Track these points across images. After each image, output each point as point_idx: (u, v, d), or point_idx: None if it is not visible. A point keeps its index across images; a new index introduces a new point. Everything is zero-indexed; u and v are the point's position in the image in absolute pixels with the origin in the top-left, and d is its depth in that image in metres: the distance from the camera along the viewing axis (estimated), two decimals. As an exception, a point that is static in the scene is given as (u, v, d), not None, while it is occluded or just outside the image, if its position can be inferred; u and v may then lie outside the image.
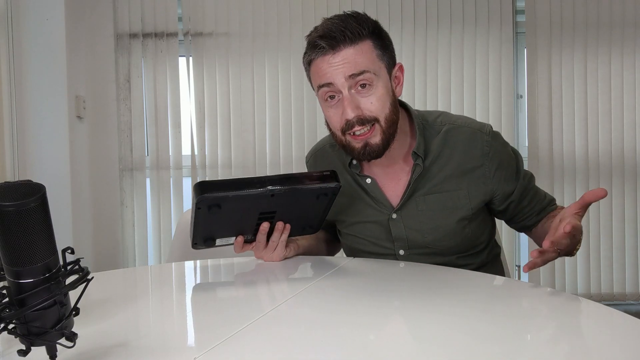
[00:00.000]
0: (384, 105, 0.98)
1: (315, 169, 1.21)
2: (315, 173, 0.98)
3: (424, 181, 1.06)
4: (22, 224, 0.45)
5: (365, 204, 1.11)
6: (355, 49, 0.95)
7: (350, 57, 0.95)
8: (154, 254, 2.74)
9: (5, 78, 2.21)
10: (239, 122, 2.73)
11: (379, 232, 1.10)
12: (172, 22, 2.71)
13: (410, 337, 0.63)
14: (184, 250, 1.64)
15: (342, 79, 0.95)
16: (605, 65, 2.75)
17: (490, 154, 1.05)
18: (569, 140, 2.77)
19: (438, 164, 1.06)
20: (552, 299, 0.78)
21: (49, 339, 0.49)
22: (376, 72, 0.97)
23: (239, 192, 0.90)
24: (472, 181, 1.06)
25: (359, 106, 0.97)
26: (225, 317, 0.72)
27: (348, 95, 0.96)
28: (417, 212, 1.06)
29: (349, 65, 0.95)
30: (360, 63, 0.95)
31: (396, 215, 1.07)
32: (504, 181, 1.07)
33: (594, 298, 2.71)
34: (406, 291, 0.83)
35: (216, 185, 0.90)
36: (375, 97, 0.97)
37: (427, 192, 1.06)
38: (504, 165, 1.07)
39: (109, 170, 2.71)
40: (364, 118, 0.97)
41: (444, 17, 2.72)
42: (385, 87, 0.99)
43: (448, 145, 1.06)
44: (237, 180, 0.92)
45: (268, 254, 1.03)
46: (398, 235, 1.08)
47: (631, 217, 2.79)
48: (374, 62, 0.97)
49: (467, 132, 1.06)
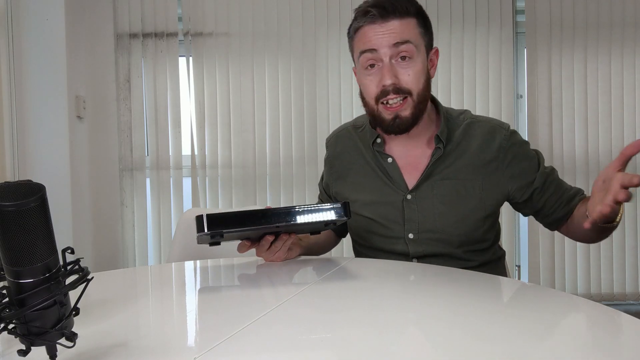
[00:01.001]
0: (419, 80, 1.05)
1: (335, 148, 1.25)
2: (326, 206, 0.95)
3: (442, 167, 1.10)
4: (22, 224, 0.45)
5: (383, 182, 1.14)
6: (401, 22, 1.02)
7: (396, 27, 1.02)
8: (154, 254, 2.74)
9: (5, 78, 2.21)
10: (239, 122, 2.73)
11: (392, 213, 1.12)
12: (172, 22, 2.71)
13: (411, 337, 0.63)
14: (184, 250, 1.64)
15: (385, 47, 1.02)
16: (605, 65, 2.75)
17: (506, 148, 1.10)
18: (569, 140, 2.77)
19: (457, 152, 1.11)
20: (552, 299, 0.78)
21: (49, 339, 0.49)
22: (417, 47, 1.04)
23: (241, 228, 0.88)
24: (487, 174, 1.09)
25: (397, 75, 1.03)
26: (225, 317, 0.72)
27: (388, 63, 1.03)
28: (432, 195, 1.10)
29: (394, 35, 1.02)
30: (405, 34, 1.02)
31: (411, 196, 1.11)
32: (519, 175, 1.10)
33: (594, 298, 2.71)
34: (407, 291, 0.83)
35: (219, 220, 0.87)
36: (412, 71, 1.04)
37: (444, 177, 1.10)
38: (519, 160, 1.10)
39: (109, 170, 2.71)
40: (399, 87, 1.03)
41: (444, 17, 2.72)
42: (422, 63, 1.06)
43: (468, 137, 1.11)
44: (241, 215, 0.89)
45: (270, 256, 1.03)
46: (410, 217, 1.11)
47: (631, 217, 2.80)
48: (417, 37, 1.04)
49: (487, 126, 1.12)
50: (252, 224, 0.89)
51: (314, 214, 0.94)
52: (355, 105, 2.71)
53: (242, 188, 2.73)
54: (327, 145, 1.29)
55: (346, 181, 1.21)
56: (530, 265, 2.78)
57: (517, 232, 2.80)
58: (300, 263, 1.05)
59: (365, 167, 1.17)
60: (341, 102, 2.74)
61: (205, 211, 0.97)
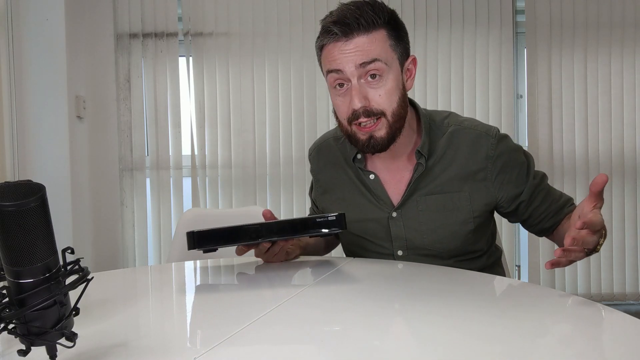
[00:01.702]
0: (392, 99, 0.97)
1: (318, 162, 1.20)
2: (319, 218, 0.91)
3: (426, 181, 1.05)
4: (22, 224, 0.45)
5: (367, 200, 1.10)
6: (368, 37, 0.94)
7: (362, 45, 0.94)
8: (154, 254, 2.74)
9: (5, 78, 2.21)
10: (239, 122, 2.73)
11: (378, 230, 1.09)
12: (172, 22, 2.71)
13: (410, 337, 0.63)
14: (184, 250, 1.64)
15: (352, 67, 0.94)
16: (605, 65, 2.75)
17: (494, 157, 1.03)
18: (569, 140, 2.77)
19: (441, 164, 1.05)
20: (552, 299, 0.78)
21: (49, 339, 0.49)
22: (388, 62, 0.96)
23: (233, 244, 0.85)
24: (474, 184, 1.04)
25: (366, 97, 0.96)
26: (225, 317, 0.72)
27: (357, 84, 0.95)
28: (417, 212, 1.05)
29: (360, 54, 0.94)
30: (372, 51, 0.94)
31: (396, 214, 1.07)
32: (508, 184, 1.05)
33: (594, 298, 2.71)
34: (406, 291, 0.83)
35: (208, 236, 0.85)
36: (384, 90, 0.96)
37: (428, 193, 1.05)
38: (508, 169, 1.05)
39: (109, 170, 2.71)
40: (370, 110, 0.96)
41: (444, 17, 2.72)
42: (395, 79, 0.98)
43: (452, 147, 1.05)
44: (231, 230, 0.86)
45: (269, 258, 1.02)
46: (397, 234, 1.07)
47: (631, 217, 2.80)
48: (387, 52, 0.96)
49: (472, 134, 1.05)
50: (244, 239, 0.86)
51: (307, 227, 0.91)
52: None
53: (242, 188, 2.73)
54: (310, 158, 1.24)
55: (332, 197, 1.16)
56: (530, 265, 2.78)
57: (517, 232, 2.80)
58: (299, 264, 1.05)
59: (348, 183, 1.12)
60: (341, 102, 2.74)
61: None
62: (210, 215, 1.73)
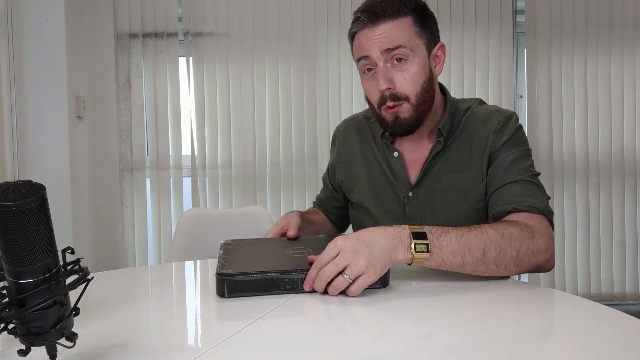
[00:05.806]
0: (417, 82, 1.01)
1: (345, 136, 1.24)
2: None
3: (442, 160, 1.08)
4: (22, 224, 0.45)
5: (385, 178, 1.13)
6: (393, 23, 0.98)
7: (387, 31, 0.98)
8: (154, 254, 2.74)
9: (5, 78, 2.21)
10: (239, 122, 2.73)
11: (394, 209, 1.12)
12: (172, 22, 2.71)
13: (410, 337, 0.63)
14: (184, 250, 1.64)
15: (377, 52, 0.99)
16: (605, 65, 2.75)
17: (498, 131, 1.05)
18: (569, 140, 2.77)
19: (456, 144, 1.08)
20: (552, 299, 0.78)
21: (49, 339, 0.49)
22: (413, 48, 0.99)
23: (264, 293, 0.80)
24: (483, 160, 1.06)
25: (392, 79, 1.00)
26: (225, 317, 0.72)
27: (383, 67, 1.00)
28: (432, 192, 1.08)
29: (385, 40, 0.98)
30: (396, 38, 0.98)
31: (412, 193, 1.09)
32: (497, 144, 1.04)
33: (594, 298, 2.71)
34: (407, 291, 0.83)
35: (241, 285, 0.79)
36: (408, 74, 1.00)
37: (443, 172, 1.07)
38: (505, 134, 1.04)
39: (109, 170, 2.71)
40: (395, 94, 1.00)
41: (444, 17, 2.72)
42: (420, 64, 1.01)
43: (468, 128, 1.08)
44: (265, 280, 0.80)
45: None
46: (412, 214, 1.10)
47: (631, 217, 2.80)
48: (412, 38, 1.00)
49: (484, 113, 1.08)
50: (276, 290, 0.80)
51: None
52: (355, 105, 2.71)
53: (242, 188, 2.73)
54: (337, 133, 1.28)
55: (352, 171, 1.20)
56: (530, 265, 2.77)
57: (517, 232, 2.79)
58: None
59: (371, 159, 1.16)
60: (341, 102, 2.74)
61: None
62: (210, 216, 1.73)
